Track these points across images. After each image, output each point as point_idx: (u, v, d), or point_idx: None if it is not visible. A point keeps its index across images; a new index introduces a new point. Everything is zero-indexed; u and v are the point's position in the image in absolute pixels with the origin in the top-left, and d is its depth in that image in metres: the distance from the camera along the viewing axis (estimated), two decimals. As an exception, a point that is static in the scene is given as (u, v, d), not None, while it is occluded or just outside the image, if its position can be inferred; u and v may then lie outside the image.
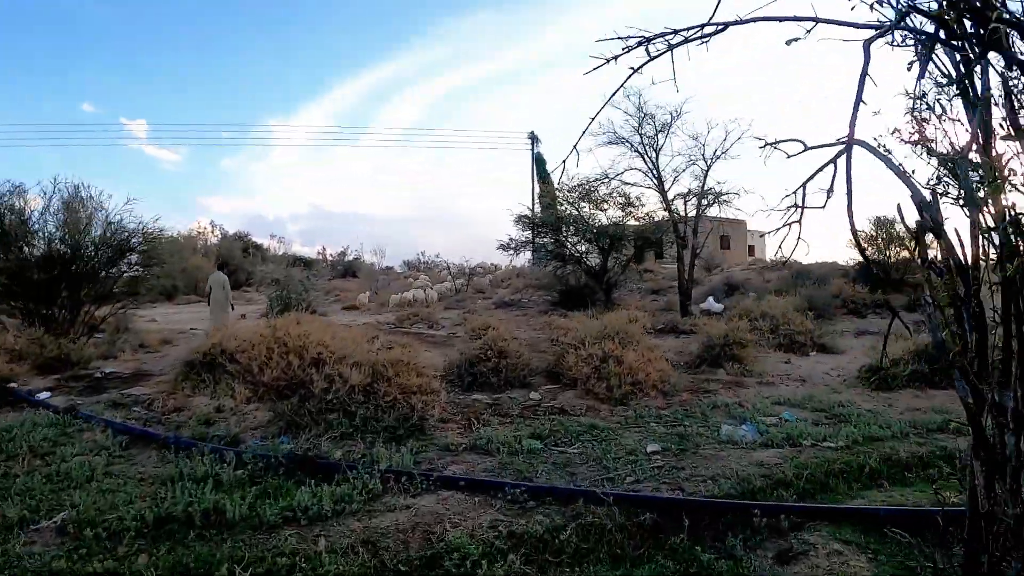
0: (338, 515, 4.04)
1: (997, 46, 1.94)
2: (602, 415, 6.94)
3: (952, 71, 1.98)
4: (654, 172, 19.49)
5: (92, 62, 78.42)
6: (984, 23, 1.86)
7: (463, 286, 28.19)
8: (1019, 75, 2.01)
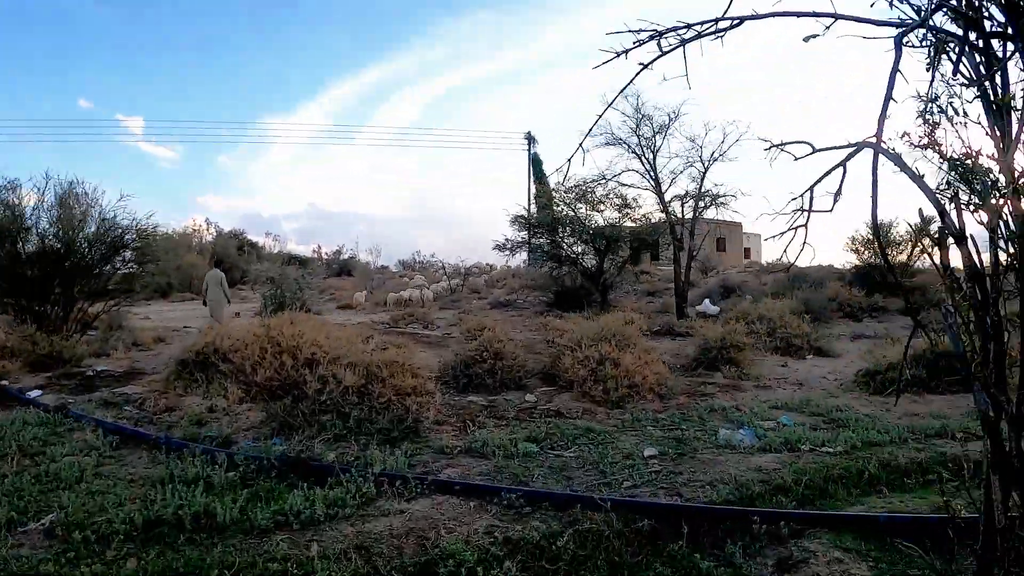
0: (331, 519, 3.97)
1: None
2: (598, 418, 6.88)
3: (971, 72, 1.94)
4: (651, 174, 19.47)
5: (89, 59, 78.24)
6: (1019, 16, 1.79)
7: (459, 286, 28.14)
8: None
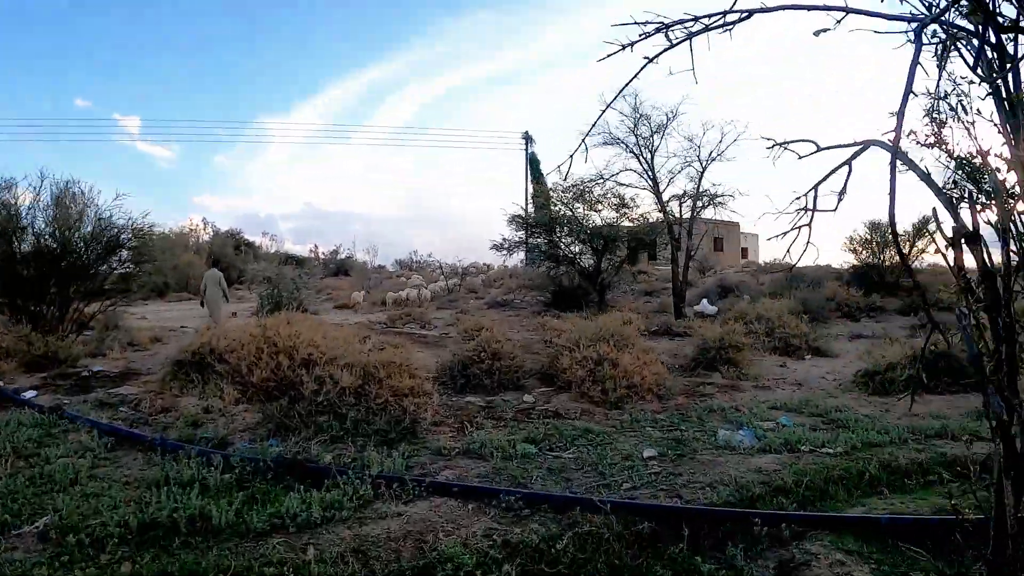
0: (328, 522, 3.93)
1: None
2: (597, 419, 6.85)
3: (984, 69, 1.90)
4: (649, 173, 19.43)
5: (86, 58, 77.94)
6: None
7: (456, 286, 28.09)
8: None
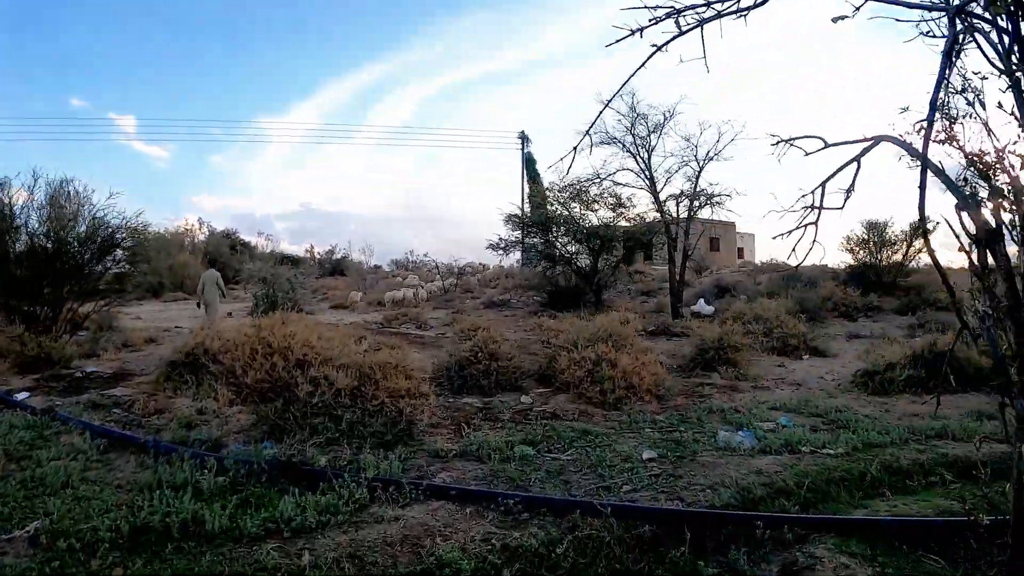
0: (323, 527, 3.86)
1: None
2: (595, 420, 6.79)
3: (1004, 63, 1.85)
4: (646, 173, 19.36)
5: (82, 57, 77.55)
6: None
7: (452, 286, 28.03)
8: None
